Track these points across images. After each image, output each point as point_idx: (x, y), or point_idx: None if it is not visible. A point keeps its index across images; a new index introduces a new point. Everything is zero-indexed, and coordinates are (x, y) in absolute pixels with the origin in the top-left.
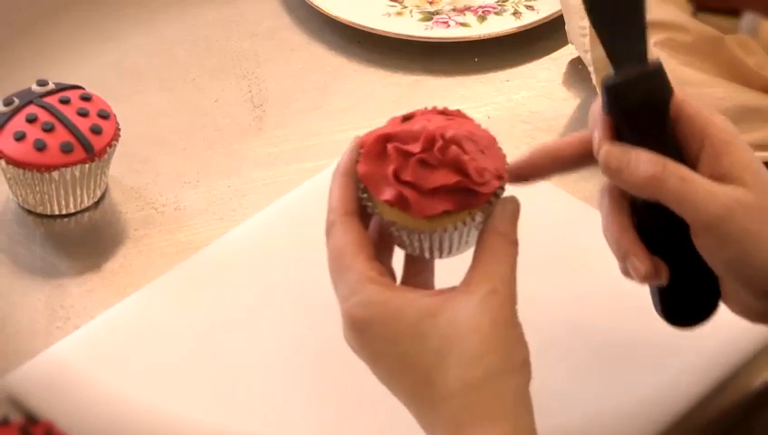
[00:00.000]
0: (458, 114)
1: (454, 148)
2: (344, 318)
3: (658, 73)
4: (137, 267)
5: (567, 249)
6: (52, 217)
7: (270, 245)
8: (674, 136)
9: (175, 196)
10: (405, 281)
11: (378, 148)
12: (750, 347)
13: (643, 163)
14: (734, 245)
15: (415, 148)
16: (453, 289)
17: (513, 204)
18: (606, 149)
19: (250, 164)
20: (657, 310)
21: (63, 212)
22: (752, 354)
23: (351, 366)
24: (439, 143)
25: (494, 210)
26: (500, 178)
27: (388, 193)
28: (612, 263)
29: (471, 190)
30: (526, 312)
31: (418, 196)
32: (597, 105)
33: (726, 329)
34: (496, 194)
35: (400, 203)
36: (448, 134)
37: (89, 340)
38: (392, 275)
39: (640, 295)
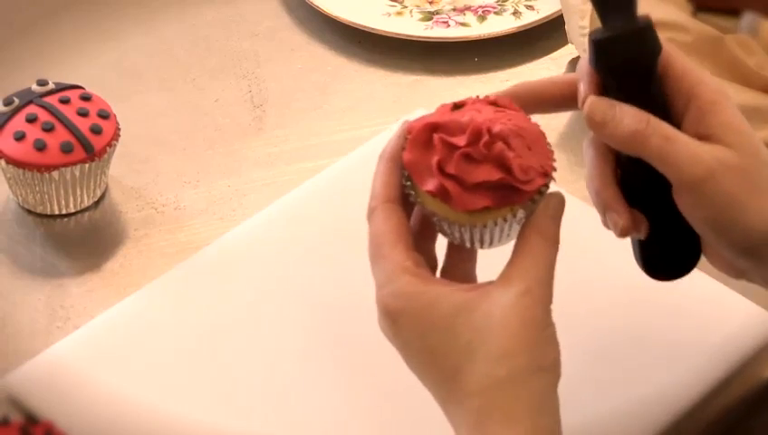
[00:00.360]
0: (509, 106)
1: (499, 144)
2: (378, 306)
3: (647, 30)
4: (137, 267)
5: (566, 249)
6: (52, 216)
7: (270, 245)
8: (661, 92)
9: (175, 196)
10: (446, 269)
11: (424, 136)
12: (750, 346)
13: (627, 118)
14: (714, 205)
15: (460, 141)
16: (489, 284)
17: (557, 201)
18: (591, 102)
19: (250, 164)
20: (637, 262)
21: (63, 212)
22: (752, 353)
23: (352, 366)
24: (485, 138)
25: (537, 208)
26: (545, 175)
27: (430, 184)
28: (611, 262)
29: (514, 187)
30: None
31: (460, 190)
32: (585, 59)
33: (726, 328)
34: (540, 191)
35: (442, 195)
36: (495, 129)
37: (89, 340)
38: (433, 263)
39: (640, 295)
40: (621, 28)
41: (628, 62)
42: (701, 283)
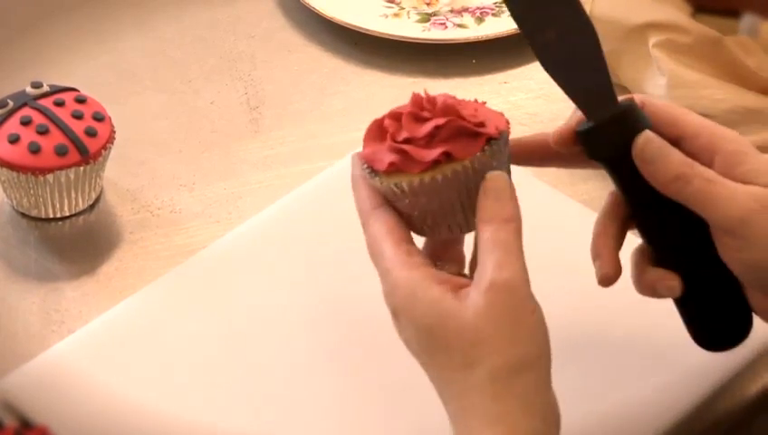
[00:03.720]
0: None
1: (442, 97)
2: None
3: (629, 112)
4: (132, 271)
5: (566, 251)
6: (47, 220)
7: (267, 248)
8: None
9: (170, 198)
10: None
11: (374, 129)
12: (750, 349)
13: (675, 158)
14: (755, 248)
15: (405, 109)
16: (467, 282)
17: (497, 181)
18: (646, 138)
19: (246, 166)
20: (691, 337)
21: (58, 215)
22: (752, 357)
23: (348, 368)
24: (426, 98)
25: (479, 197)
26: (498, 129)
27: (387, 158)
28: None
29: (468, 133)
30: None
31: (416, 148)
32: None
33: None
34: (491, 145)
35: (401, 162)
36: (435, 94)
37: (84, 344)
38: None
39: (639, 298)
40: (604, 118)
41: (620, 148)
42: None
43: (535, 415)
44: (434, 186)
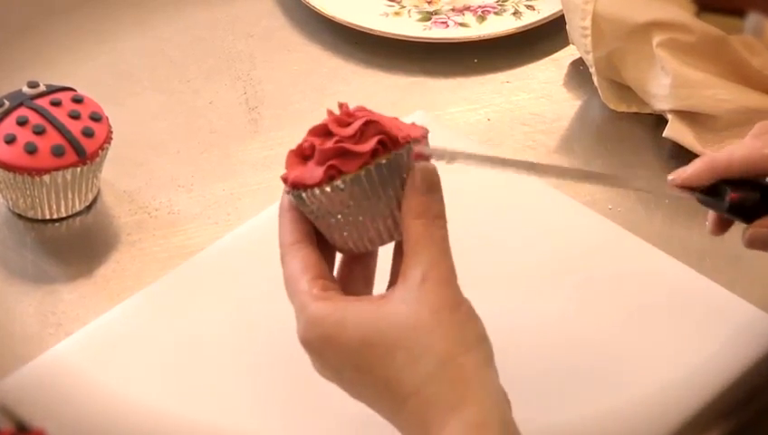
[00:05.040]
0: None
1: (354, 108)
2: (302, 346)
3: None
4: (130, 273)
5: (566, 252)
6: (44, 221)
7: (265, 249)
8: None
9: (168, 200)
10: (346, 290)
11: (293, 158)
12: (753, 350)
13: None
14: None
15: (328, 120)
16: (392, 289)
17: (423, 173)
18: (748, 238)
19: (245, 167)
20: None
21: (55, 216)
22: (755, 357)
23: None
24: (343, 109)
25: (405, 189)
26: (420, 132)
27: (321, 168)
28: (611, 266)
29: (394, 130)
30: (532, 315)
31: (352, 144)
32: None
33: (728, 332)
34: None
35: (341, 162)
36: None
37: (81, 346)
38: (364, 288)
39: (640, 298)
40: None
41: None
42: (702, 286)
43: (494, 389)
44: (380, 174)
